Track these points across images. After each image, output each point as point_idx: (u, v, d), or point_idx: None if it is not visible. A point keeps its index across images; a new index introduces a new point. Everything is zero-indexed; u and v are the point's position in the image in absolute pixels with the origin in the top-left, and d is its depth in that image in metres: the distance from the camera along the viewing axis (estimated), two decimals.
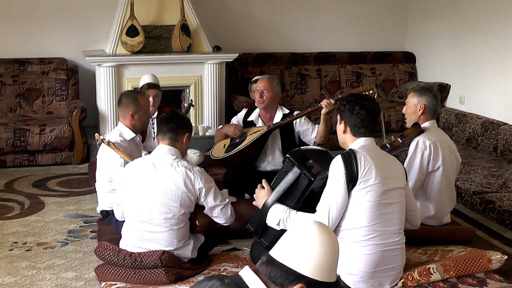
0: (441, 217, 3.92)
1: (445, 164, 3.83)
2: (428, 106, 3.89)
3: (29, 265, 3.86)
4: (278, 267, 1.72)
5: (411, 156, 3.81)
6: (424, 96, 3.90)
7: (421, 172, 3.79)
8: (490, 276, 3.27)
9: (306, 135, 4.74)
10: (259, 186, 3.20)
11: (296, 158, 3.12)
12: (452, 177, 3.97)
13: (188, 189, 3.31)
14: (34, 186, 5.45)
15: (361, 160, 2.89)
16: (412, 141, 3.83)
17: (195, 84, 6.58)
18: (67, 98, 6.59)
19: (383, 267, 2.96)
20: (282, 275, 1.70)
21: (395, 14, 7.87)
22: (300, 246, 1.73)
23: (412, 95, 3.95)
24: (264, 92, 4.70)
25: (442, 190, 3.85)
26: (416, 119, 3.92)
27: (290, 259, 1.72)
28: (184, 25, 6.40)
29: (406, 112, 3.99)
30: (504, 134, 5.91)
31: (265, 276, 1.73)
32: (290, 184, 3.06)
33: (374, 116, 3.06)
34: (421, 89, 3.95)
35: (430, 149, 3.78)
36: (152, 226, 3.34)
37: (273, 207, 3.05)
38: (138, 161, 3.51)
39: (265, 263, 1.74)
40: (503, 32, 6.25)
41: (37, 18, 6.69)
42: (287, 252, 1.73)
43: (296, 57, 7.47)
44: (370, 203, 2.89)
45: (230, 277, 1.76)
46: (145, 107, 4.14)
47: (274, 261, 1.73)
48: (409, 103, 3.96)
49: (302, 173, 3.04)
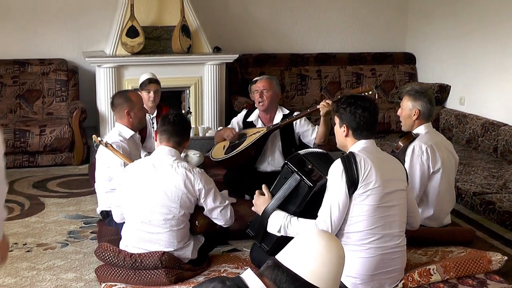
0: (441, 218, 3.92)
1: (445, 166, 3.81)
2: (422, 111, 3.84)
3: (29, 266, 3.86)
4: (285, 272, 1.73)
5: (409, 164, 3.75)
6: (419, 101, 3.84)
7: (423, 178, 3.76)
8: (490, 277, 3.27)
9: (306, 136, 4.74)
10: (258, 192, 3.18)
11: (295, 164, 3.09)
12: (452, 178, 3.97)
13: (188, 190, 3.31)
14: (34, 187, 5.45)
15: (361, 163, 2.88)
16: (408, 148, 3.80)
17: (195, 85, 6.58)
18: (67, 99, 6.59)
19: (383, 270, 2.96)
20: (288, 280, 1.71)
21: (395, 14, 7.87)
22: (309, 253, 1.74)
23: (407, 98, 3.90)
24: (264, 91, 4.70)
25: (442, 192, 3.84)
26: (411, 123, 3.89)
27: (297, 265, 1.73)
28: (184, 26, 6.40)
29: (401, 115, 3.95)
30: (504, 135, 5.91)
31: (270, 280, 1.73)
32: (290, 191, 3.04)
33: (375, 118, 3.05)
34: (416, 93, 3.89)
35: (427, 153, 3.74)
36: (152, 227, 3.34)
37: (274, 214, 3.02)
38: (139, 162, 3.51)
39: (271, 267, 1.75)
40: (503, 32, 6.25)
41: (37, 19, 6.69)
42: (295, 259, 1.74)
43: (296, 58, 7.47)
44: (371, 206, 2.88)
45: (231, 279, 1.76)
46: (139, 103, 4.16)
47: (281, 265, 1.74)
48: (403, 107, 3.91)
49: (302, 179, 3.02)
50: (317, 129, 4.66)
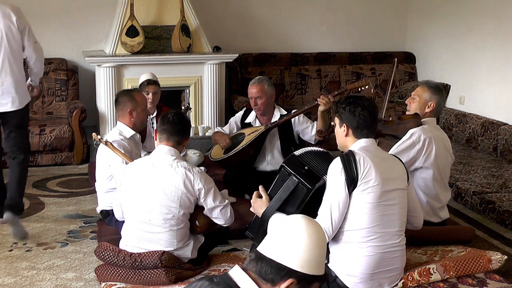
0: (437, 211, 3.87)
1: (439, 160, 3.78)
2: (437, 106, 3.83)
3: (29, 265, 3.86)
4: (268, 263, 1.72)
5: (402, 143, 3.71)
6: (437, 95, 3.84)
7: (404, 157, 3.63)
8: (490, 276, 3.27)
9: (306, 133, 4.74)
10: (256, 194, 3.14)
11: (291, 166, 3.07)
12: (445, 174, 3.92)
13: (188, 189, 3.31)
14: (34, 187, 5.45)
15: (360, 162, 2.87)
16: (408, 132, 3.76)
17: (195, 84, 6.58)
18: (67, 98, 6.59)
19: (383, 269, 2.95)
20: (273, 271, 1.71)
21: (395, 14, 7.87)
22: (289, 241, 1.74)
23: (425, 89, 3.85)
24: (257, 99, 4.70)
25: (435, 186, 3.81)
26: (423, 114, 3.84)
27: (279, 254, 1.72)
28: (184, 26, 6.40)
29: (413, 104, 3.87)
30: (504, 134, 5.91)
31: (255, 273, 1.73)
32: (288, 194, 3.02)
33: (375, 116, 3.05)
34: (436, 86, 3.87)
35: (423, 143, 3.69)
36: (152, 227, 3.33)
37: (273, 217, 3.01)
38: (138, 161, 3.51)
39: (255, 260, 1.75)
40: (503, 32, 6.25)
41: (37, 18, 6.66)
42: (276, 248, 1.74)
43: (296, 58, 7.47)
44: (371, 204, 2.88)
45: (219, 277, 1.76)
46: (143, 104, 4.17)
47: (264, 257, 1.73)
48: (420, 97, 3.85)
49: (299, 182, 3.00)
50: (316, 125, 4.65)
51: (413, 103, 3.89)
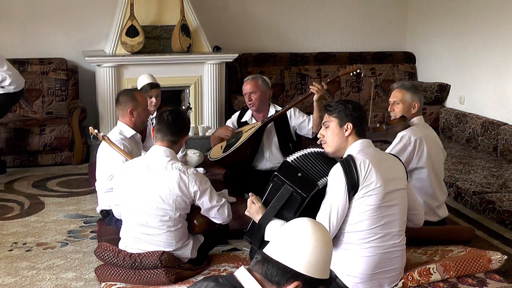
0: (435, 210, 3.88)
1: (433, 158, 3.80)
2: (421, 104, 3.90)
3: (29, 265, 3.86)
4: (274, 265, 1.72)
5: (393, 147, 3.72)
6: (418, 94, 3.90)
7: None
8: (490, 276, 3.27)
9: (303, 128, 4.75)
10: (250, 201, 3.09)
11: (284, 174, 3.02)
12: (440, 171, 3.93)
13: (183, 192, 3.27)
14: (34, 187, 5.45)
15: (361, 166, 2.86)
16: (397, 135, 3.78)
17: (195, 84, 6.58)
18: (67, 98, 6.59)
19: (383, 269, 2.95)
20: (279, 273, 1.71)
21: (395, 14, 7.87)
22: (296, 244, 1.74)
23: (404, 92, 3.88)
24: (251, 94, 4.73)
25: (432, 185, 3.82)
26: (410, 116, 3.89)
27: (286, 257, 1.72)
28: (184, 25, 6.40)
29: (397, 110, 3.90)
30: (504, 134, 5.91)
31: (261, 274, 1.73)
32: (284, 202, 2.97)
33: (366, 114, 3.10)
34: (413, 86, 3.93)
35: (415, 145, 3.73)
36: (149, 229, 3.32)
37: (271, 224, 2.97)
38: (133, 163, 3.46)
39: (261, 262, 1.75)
40: (503, 32, 6.25)
41: (37, 18, 6.69)
42: (283, 250, 1.74)
43: (296, 57, 7.47)
44: (372, 206, 2.87)
45: (224, 277, 1.76)
46: (143, 104, 4.18)
47: (270, 259, 1.73)
48: (403, 101, 3.88)
49: (294, 191, 2.96)
50: (312, 118, 4.66)
51: (397, 109, 3.92)
